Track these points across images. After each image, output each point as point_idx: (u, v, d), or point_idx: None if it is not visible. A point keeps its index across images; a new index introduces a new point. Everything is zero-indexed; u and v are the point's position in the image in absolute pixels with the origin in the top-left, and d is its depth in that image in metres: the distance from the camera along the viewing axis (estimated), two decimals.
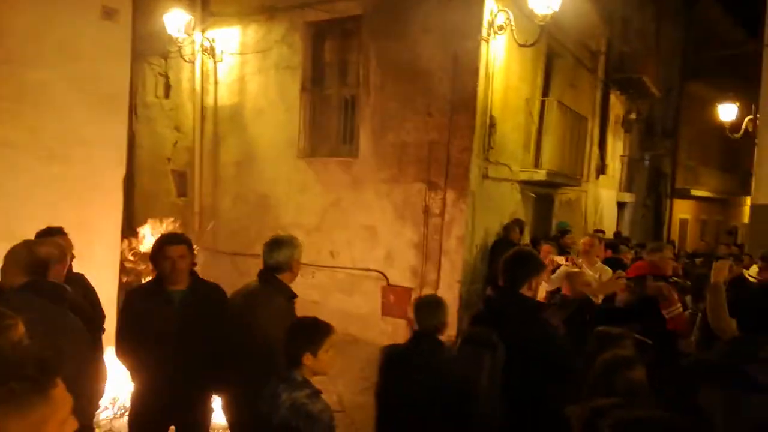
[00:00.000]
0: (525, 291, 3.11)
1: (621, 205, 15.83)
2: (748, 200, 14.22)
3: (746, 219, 15.90)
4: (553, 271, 5.93)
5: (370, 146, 8.65)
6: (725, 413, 2.53)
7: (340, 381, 6.60)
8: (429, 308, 3.27)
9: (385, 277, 8.52)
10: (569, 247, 8.39)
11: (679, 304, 4.94)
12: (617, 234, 13.58)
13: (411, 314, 3.55)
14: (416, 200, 8.31)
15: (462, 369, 2.94)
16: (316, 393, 2.67)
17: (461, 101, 7.88)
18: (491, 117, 8.25)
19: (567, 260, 6.39)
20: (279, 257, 3.56)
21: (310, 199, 9.19)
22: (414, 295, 8.49)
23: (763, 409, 2.47)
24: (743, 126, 12.59)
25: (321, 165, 9.16)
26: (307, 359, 2.70)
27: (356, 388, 6.50)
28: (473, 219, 8.20)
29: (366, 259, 8.74)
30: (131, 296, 3.70)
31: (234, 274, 8.07)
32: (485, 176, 8.39)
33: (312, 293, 8.62)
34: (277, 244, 3.62)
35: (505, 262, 3.17)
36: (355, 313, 8.66)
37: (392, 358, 3.27)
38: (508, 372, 2.91)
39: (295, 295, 3.51)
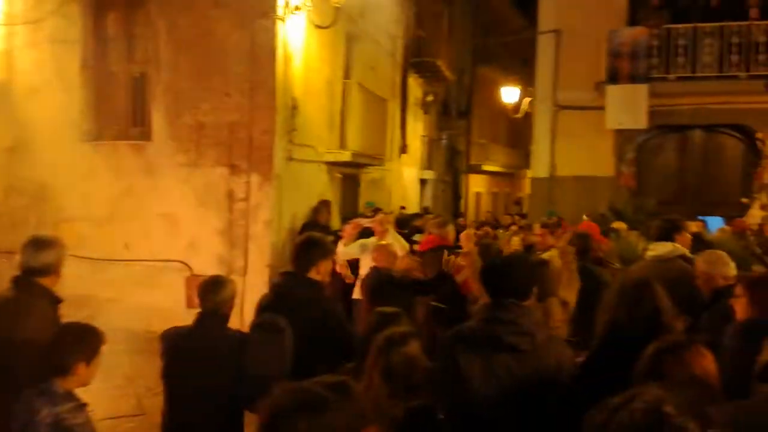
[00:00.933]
0: (313, 275, 3.11)
1: (423, 182, 16.75)
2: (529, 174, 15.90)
3: (528, 191, 17.75)
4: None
5: (164, 128, 8.07)
6: (481, 374, 2.67)
7: (140, 382, 6.15)
8: (211, 288, 3.22)
9: (189, 267, 8.06)
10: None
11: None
12: (425, 209, 14.33)
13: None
14: (219, 185, 7.95)
15: (253, 355, 2.85)
16: (81, 406, 2.44)
17: (260, 81, 7.65)
18: (293, 98, 8.13)
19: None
20: (47, 259, 3.14)
21: (98, 187, 8.34)
22: None
23: (510, 367, 2.65)
24: (523, 107, 13.96)
25: (109, 149, 8.34)
26: (81, 368, 2.52)
27: (159, 388, 6.08)
28: (280, 202, 8.06)
29: (166, 249, 8.19)
30: None
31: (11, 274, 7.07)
32: (290, 158, 8.27)
33: (106, 290, 7.90)
34: (43, 244, 3.17)
35: (295, 248, 3.17)
36: (157, 307, 8.05)
37: (176, 341, 3.22)
38: (297, 355, 2.88)
39: (60, 300, 3.12)
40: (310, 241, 3.25)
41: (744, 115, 10.91)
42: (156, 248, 8.22)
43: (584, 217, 9.58)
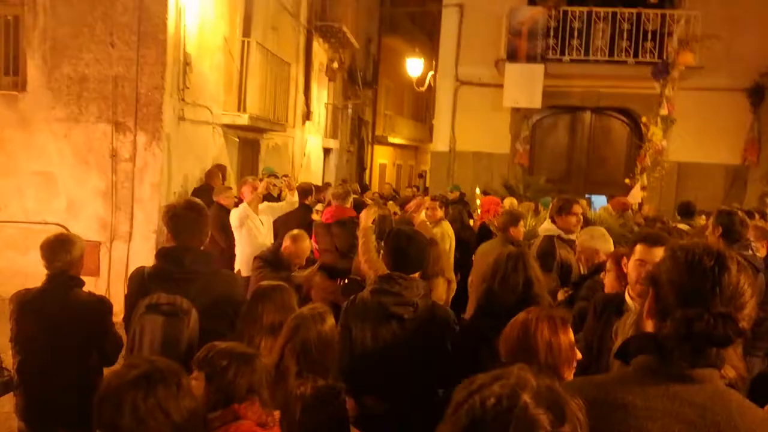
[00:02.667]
0: (204, 245, 2.93)
1: (327, 151, 16.55)
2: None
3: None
4: None
5: (40, 78, 7.40)
6: (371, 341, 2.91)
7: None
8: (60, 247, 3.10)
9: (67, 230, 7.49)
10: None
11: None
12: (345, 181, 14.13)
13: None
14: (102, 143, 7.42)
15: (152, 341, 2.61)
16: None
17: (149, 33, 7.15)
18: (185, 53, 7.68)
19: None
20: None
21: None
22: (104, 250, 7.72)
23: (396, 334, 2.88)
24: (427, 81, 14.04)
25: None
26: None
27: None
28: (170, 164, 7.65)
29: (42, 210, 7.60)
30: None
31: None
32: (182, 118, 7.84)
33: None
34: None
35: (176, 218, 2.84)
36: (32, 272, 7.39)
37: (24, 304, 3.10)
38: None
39: None
40: (197, 208, 2.89)
41: (631, 100, 11.54)
42: (31, 209, 7.62)
43: (477, 191, 9.82)
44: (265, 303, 2.76)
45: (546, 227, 4.74)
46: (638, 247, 2.75)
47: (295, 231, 4.41)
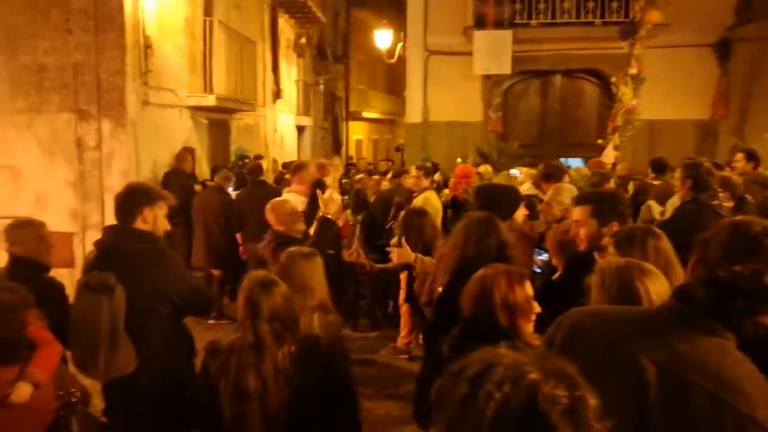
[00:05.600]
0: (140, 225, 2.90)
1: (300, 129, 16.42)
2: None
3: None
4: None
5: None
6: None
7: None
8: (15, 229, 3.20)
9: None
10: None
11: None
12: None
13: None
14: (66, 132, 7.28)
15: (82, 317, 2.65)
16: None
17: (106, 17, 6.98)
18: (146, 36, 7.53)
19: None
20: None
21: None
22: (77, 240, 7.62)
23: None
24: (396, 52, 13.91)
25: None
26: None
27: None
28: (137, 150, 7.53)
29: (10, 205, 7.42)
30: None
31: None
32: (146, 102, 7.71)
33: None
34: None
35: (116, 199, 2.97)
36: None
37: None
38: (134, 311, 2.74)
39: None
40: (131, 189, 3.03)
41: (600, 61, 11.55)
42: None
43: (458, 160, 9.81)
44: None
45: (527, 188, 4.81)
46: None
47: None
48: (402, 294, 5.57)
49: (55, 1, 6.99)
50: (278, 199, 4.43)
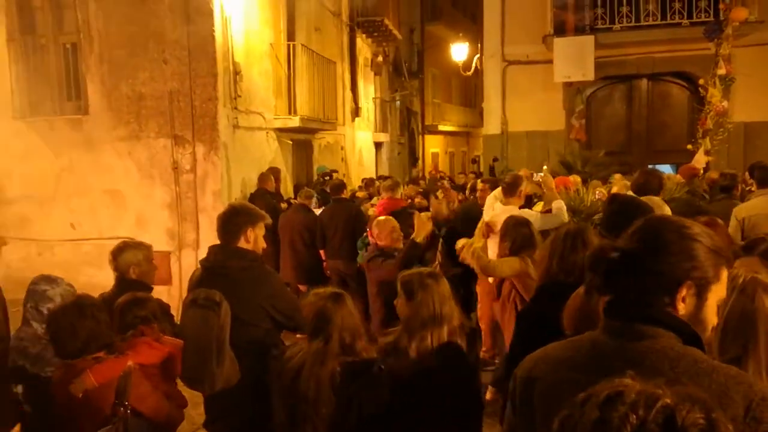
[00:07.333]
0: (243, 244, 3.03)
1: (378, 145, 16.63)
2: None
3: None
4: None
5: (101, 100, 7.76)
6: None
7: None
8: (114, 253, 3.53)
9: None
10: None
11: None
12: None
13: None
14: (163, 157, 7.72)
15: (191, 332, 2.78)
16: None
17: (198, 47, 7.38)
18: (235, 63, 7.87)
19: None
20: None
21: (36, 166, 8.03)
22: (173, 259, 8.01)
23: None
24: (473, 65, 13.86)
25: (45, 125, 8.00)
26: None
27: None
28: (228, 172, 7.87)
29: (114, 226, 7.95)
30: None
31: None
32: (236, 126, 8.06)
33: (54, 272, 7.50)
34: None
35: (218, 220, 3.11)
36: (110, 286, 7.87)
37: None
38: (236, 326, 2.85)
39: None
40: (233, 210, 3.16)
41: (688, 62, 11.05)
42: (104, 225, 7.99)
43: (544, 168, 9.59)
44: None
45: None
46: None
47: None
48: (480, 306, 5.51)
49: (152, 34, 7.45)
50: (382, 218, 4.73)
